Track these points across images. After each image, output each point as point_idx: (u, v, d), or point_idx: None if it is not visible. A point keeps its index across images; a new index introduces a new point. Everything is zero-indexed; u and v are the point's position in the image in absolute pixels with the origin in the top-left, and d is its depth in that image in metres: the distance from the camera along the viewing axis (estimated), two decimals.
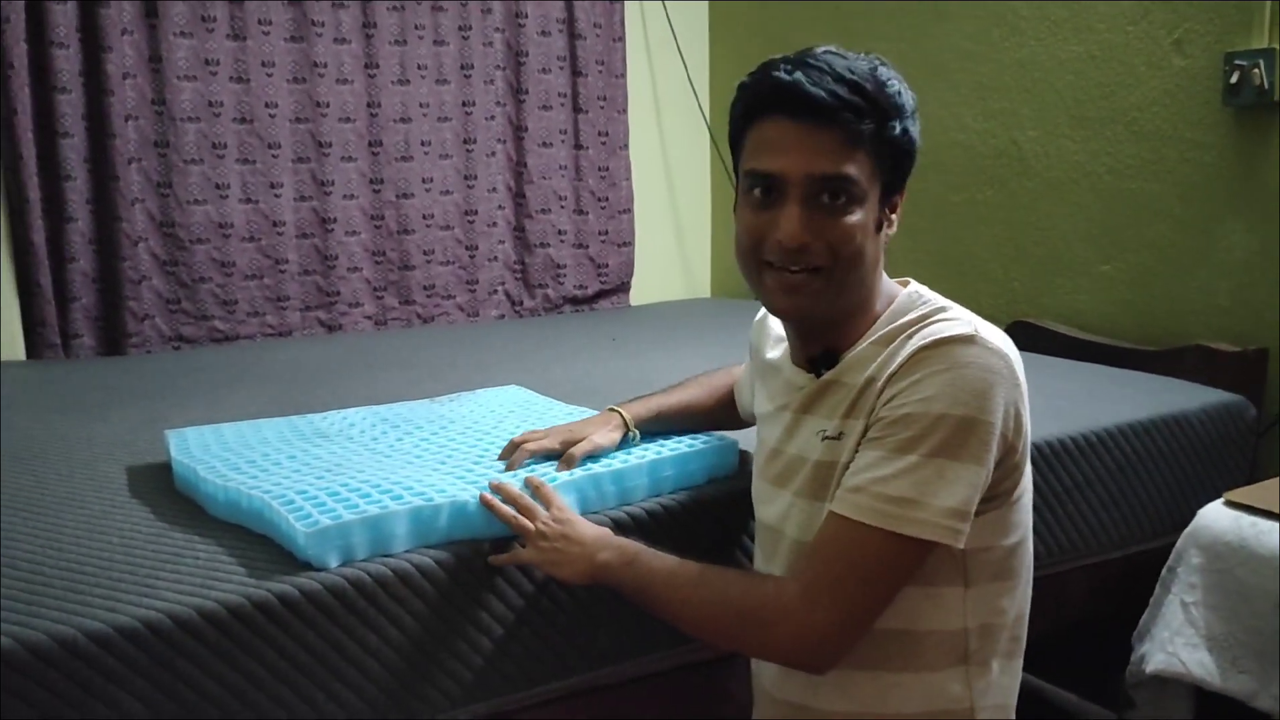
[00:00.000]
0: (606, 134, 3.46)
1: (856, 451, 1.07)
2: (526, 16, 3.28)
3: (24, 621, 1.05)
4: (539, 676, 1.30)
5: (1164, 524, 1.81)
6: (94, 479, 1.53)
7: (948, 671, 1.11)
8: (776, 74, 1.07)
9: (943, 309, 1.12)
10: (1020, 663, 1.18)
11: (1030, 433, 1.12)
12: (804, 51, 1.09)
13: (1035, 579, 1.51)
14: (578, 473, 1.34)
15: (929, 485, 1.00)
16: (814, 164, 1.05)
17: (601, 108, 3.45)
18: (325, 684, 1.16)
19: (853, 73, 1.05)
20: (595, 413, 1.51)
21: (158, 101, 2.78)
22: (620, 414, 1.45)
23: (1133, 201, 2.36)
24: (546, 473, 1.35)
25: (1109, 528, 1.76)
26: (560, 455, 1.38)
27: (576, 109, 3.42)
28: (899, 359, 1.06)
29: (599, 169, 3.47)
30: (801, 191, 1.06)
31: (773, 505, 1.21)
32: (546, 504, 1.25)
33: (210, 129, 2.84)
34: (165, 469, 1.54)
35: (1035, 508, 1.62)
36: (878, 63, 1.10)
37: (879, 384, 1.07)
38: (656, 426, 1.47)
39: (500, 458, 1.42)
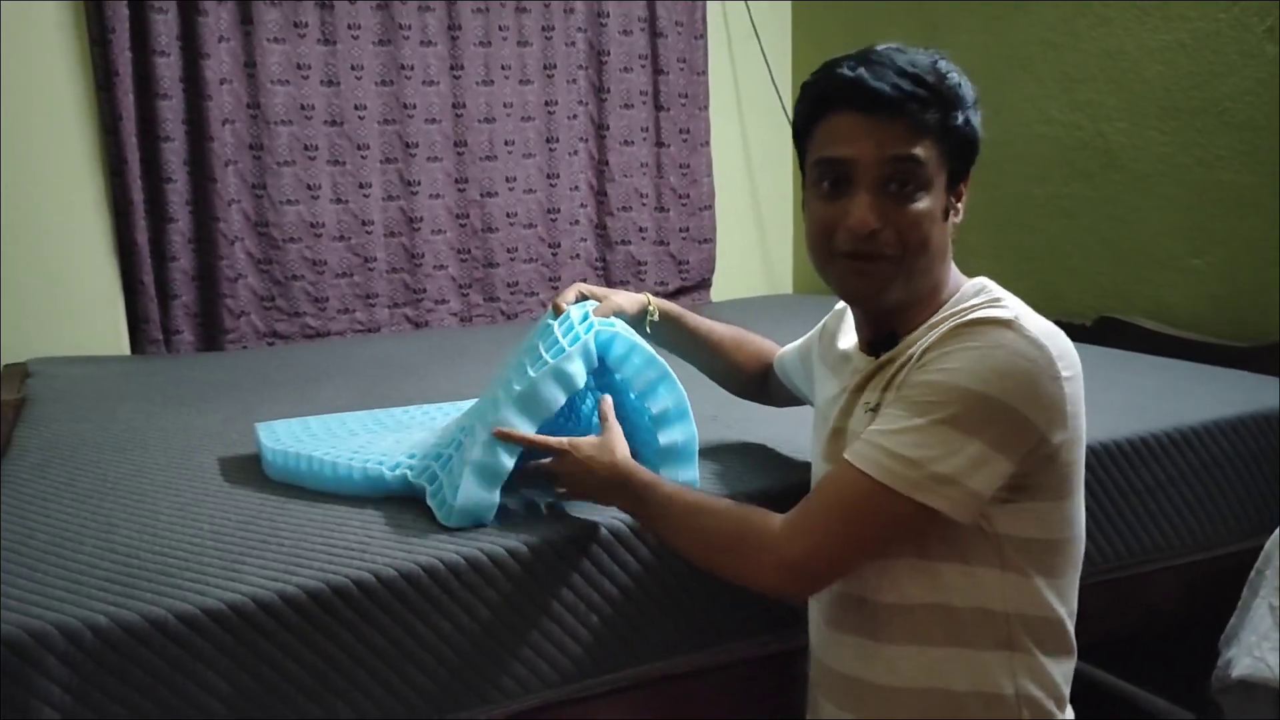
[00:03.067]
0: (688, 131, 3.47)
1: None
2: (608, 16, 3.32)
3: (119, 602, 1.11)
4: (607, 665, 1.33)
5: (1252, 525, 1.76)
6: (189, 468, 1.61)
7: (992, 654, 1.11)
8: (840, 71, 1.11)
9: (996, 298, 1.12)
10: (1072, 666, 1.17)
11: (1082, 440, 1.11)
12: (865, 50, 1.12)
13: (1119, 579, 1.49)
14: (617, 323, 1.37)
15: (930, 450, 1.02)
16: (884, 148, 1.08)
17: (683, 105, 3.46)
18: (400, 667, 1.21)
19: (914, 66, 1.09)
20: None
21: (252, 105, 2.88)
22: (646, 295, 1.50)
23: (1224, 194, 2.29)
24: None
25: (1194, 528, 1.72)
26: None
27: (658, 107, 3.44)
28: (935, 334, 1.08)
29: (680, 166, 3.48)
30: (871, 178, 1.09)
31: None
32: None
33: (302, 131, 2.93)
34: (255, 460, 1.61)
35: (1118, 505, 1.63)
36: (938, 57, 1.13)
37: (915, 356, 1.09)
38: (671, 334, 1.52)
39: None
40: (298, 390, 2.21)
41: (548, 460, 1.29)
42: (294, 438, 1.60)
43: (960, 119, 1.11)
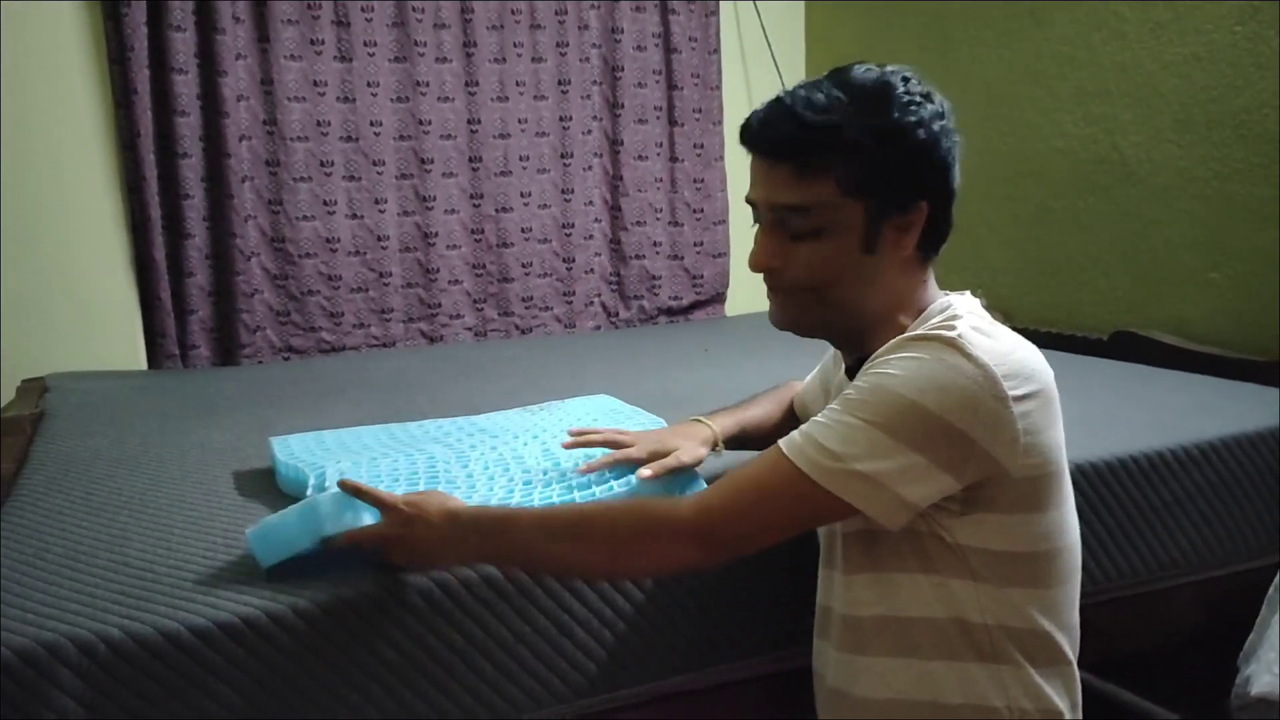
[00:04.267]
0: (702, 146, 3.48)
1: None
2: (623, 32, 3.33)
3: (133, 615, 1.12)
4: (623, 680, 1.32)
5: (1272, 541, 1.75)
6: (204, 482, 1.62)
7: (978, 666, 1.10)
8: (749, 115, 1.13)
9: (955, 317, 1.08)
10: (1073, 681, 1.15)
11: (1057, 456, 1.09)
12: (799, 83, 1.12)
13: (1137, 595, 1.47)
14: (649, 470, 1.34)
15: (855, 447, 1.02)
16: (772, 194, 1.11)
17: (697, 120, 3.47)
18: (411, 682, 1.21)
19: (812, 108, 1.07)
20: (663, 422, 1.51)
21: (269, 122, 2.90)
22: (709, 427, 1.46)
23: (1241, 207, 2.28)
24: (624, 478, 1.38)
25: (1213, 544, 1.70)
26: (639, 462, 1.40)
27: (672, 122, 3.45)
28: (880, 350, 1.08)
29: (694, 181, 3.49)
30: (769, 219, 1.13)
31: None
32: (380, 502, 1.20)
33: (318, 147, 2.95)
34: (269, 473, 1.62)
35: (1135, 522, 1.61)
36: (878, 79, 1.10)
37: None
38: (740, 440, 1.48)
39: (569, 446, 1.45)
40: (312, 404, 2.21)
41: (373, 525, 1.19)
42: (308, 451, 1.60)
43: (867, 147, 1.07)
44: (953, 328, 1.06)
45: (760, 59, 3.58)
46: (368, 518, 1.20)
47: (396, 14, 3.01)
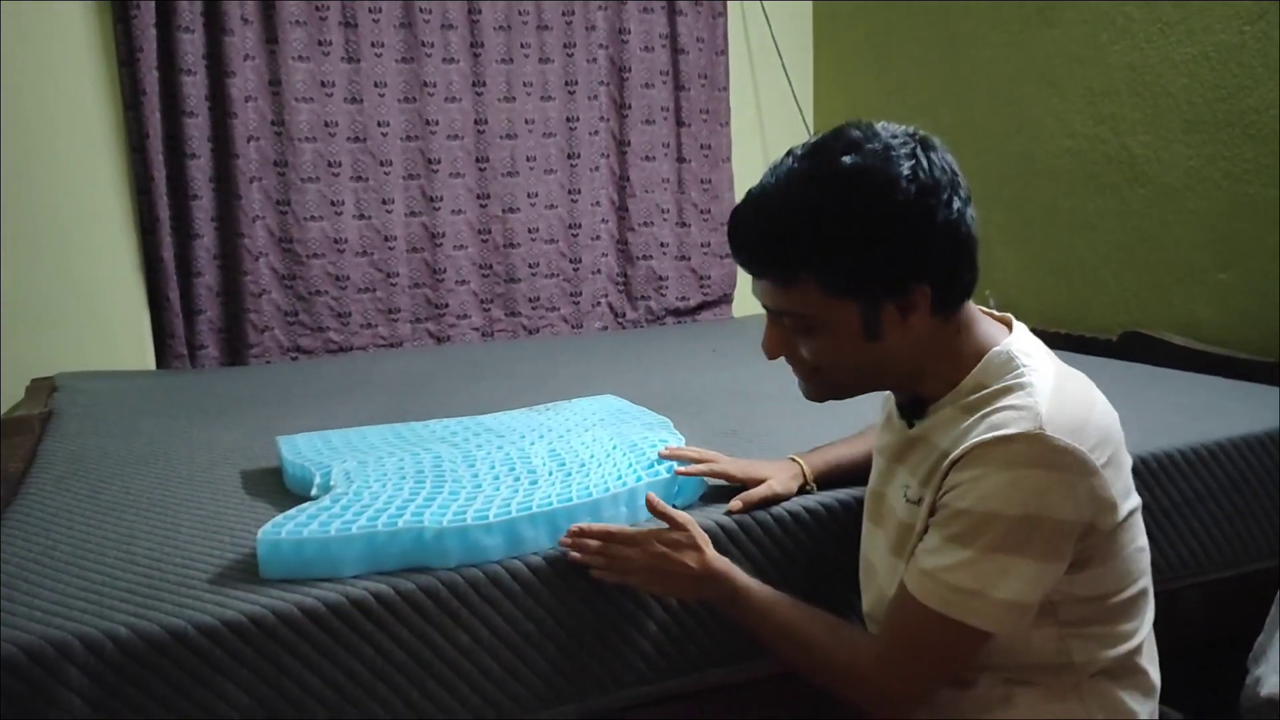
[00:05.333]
0: (709, 147, 3.48)
1: (928, 522, 1.09)
2: (630, 32, 3.33)
3: (140, 613, 1.12)
4: (629, 680, 1.32)
5: None
6: (211, 481, 1.62)
7: (1059, 689, 1.11)
8: (731, 221, 1.12)
9: (1022, 386, 1.06)
10: (1149, 680, 1.16)
11: (1131, 494, 1.10)
12: (771, 172, 1.08)
13: None
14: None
15: (989, 579, 1.02)
16: (762, 297, 1.12)
17: (704, 121, 3.47)
18: (420, 682, 1.20)
19: (779, 214, 1.05)
20: (670, 423, 1.51)
21: (277, 123, 2.91)
22: (799, 465, 1.46)
23: (1251, 207, 2.27)
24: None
25: (1223, 545, 1.69)
26: (734, 484, 1.43)
27: (679, 122, 3.45)
28: (966, 442, 1.04)
29: (701, 181, 3.49)
30: (768, 314, 1.14)
31: (871, 546, 1.24)
32: (671, 522, 1.27)
33: (326, 148, 2.96)
34: (276, 473, 1.62)
35: (1145, 523, 1.60)
36: (863, 166, 1.02)
37: (946, 464, 1.06)
38: (833, 478, 1.47)
39: (664, 455, 1.46)
40: (320, 404, 2.22)
41: (623, 550, 1.25)
42: (315, 451, 1.61)
43: (847, 256, 1.03)
44: (1027, 406, 1.03)
45: (768, 60, 3.58)
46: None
47: (404, 15, 3.02)
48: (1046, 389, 1.05)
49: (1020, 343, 1.12)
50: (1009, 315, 1.18)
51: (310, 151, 2.94)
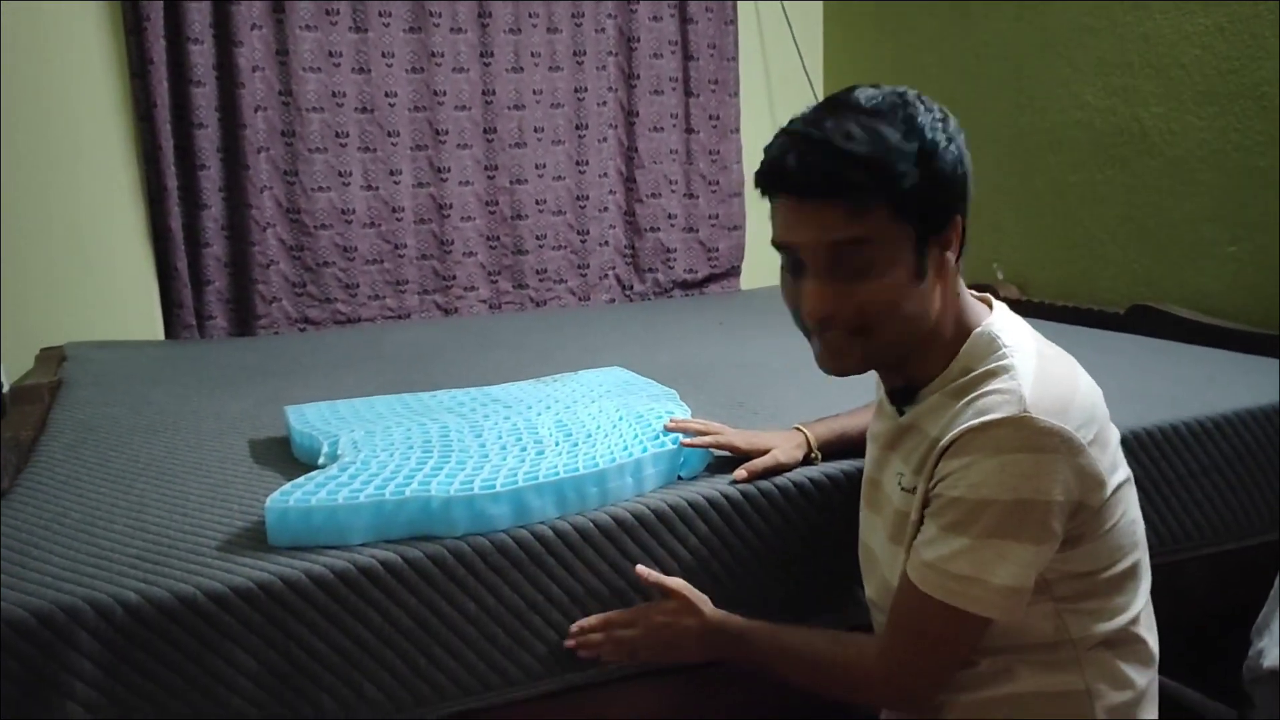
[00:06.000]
0: (717, 117, 3.46)
1: (923, 511, 1.10)
2: (638, 2, 3.31)
3: (150, 579, 1.13)
4: None
5: None
6: (220, 450, 1.63)
7: (1059, 674, 1.11)
8: (775, 158, 1.06)
9: (1006, 369, 1.07)
10: (1148, 649, 1.16)
11: (1120, 467, 1.11)
12: (809, 121, 1.06)
13: (1151, 567, 1.47)
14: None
15: (987, 565, 1.03)
16: (825, 233, 1.04)
17: (713, 91, 3.45)
18: (427, 649, 1.22)
19: (851, 140, 1.02)
20: (675, 394, 1.51)
21: (285, 93, 2.90)
22: (804, 434, 1.46)
23: (1262, 180, 2.25)
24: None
25: (1227, 517, 1.69)
26: (739, 455, 1.43)
27: (688, 93, 3.43)
28: (954, 429, 1.05)
29: (710, 153, 3.47)
30: (819, 263, 1.06)
31: (870, 532, 1.25)
32: (664, 590, 1.30)
33: (333, 118, 2.95)
34: (284, 442, 1.63)
35: (1149, 494, 1.61)
36: (896, 102, 1.05)
37: (936, 453, 1.07)
38: (838, 448, 1.47)
39: (670, 428, 1.46)
40: (328, 375, 2.23)
41: (626, 633, 1.28)
42: (323, 420, 1.62)
43: (908, 172, 1.03)
44: (1014, 390, 1.04)
45: (778, 30, 3.55)
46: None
47: None
48: (1029, 370, 1.06)
49: (1001, 322, 1.13)
50: (988, 295, 1.19)
51: (318, 122, 2.93)
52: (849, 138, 1.02)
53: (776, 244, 1.10)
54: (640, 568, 1.31)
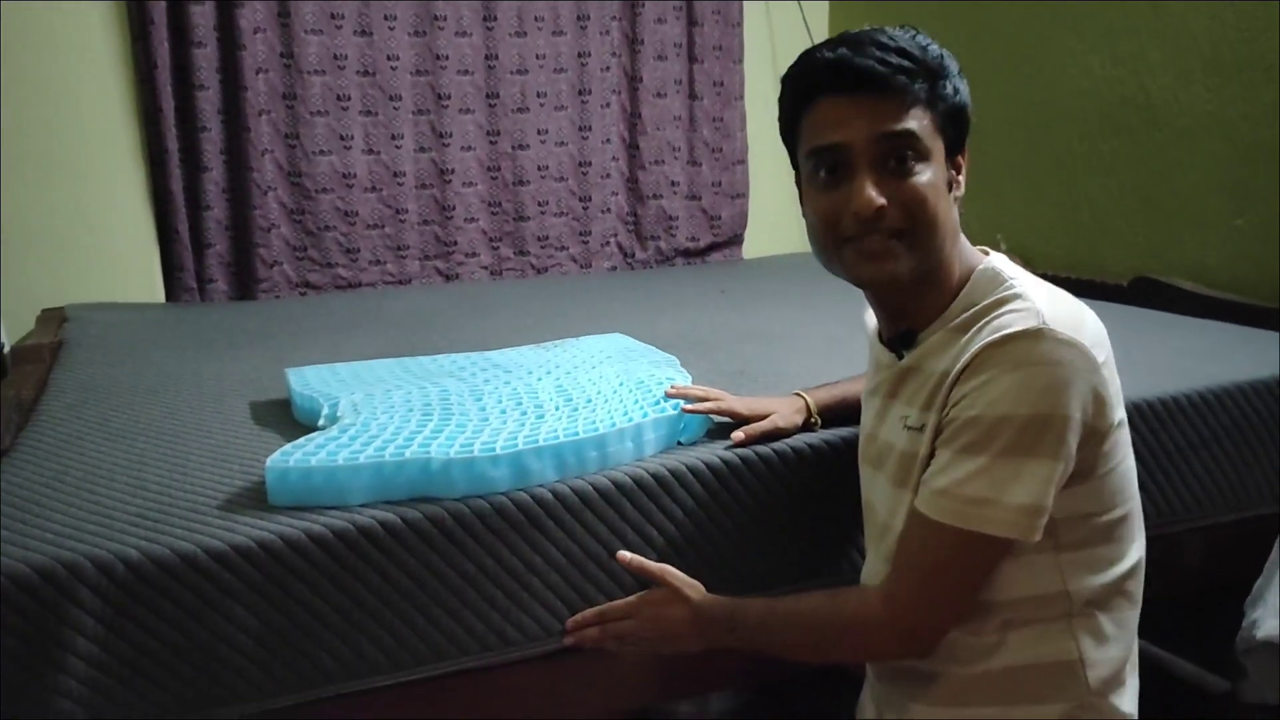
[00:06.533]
0: (721, 84, 3.44)
1: (934, 445, 1.09)
2: None
3: (150, 537, 1.13)
4: None
5: None
6: (221, 411, 1.63)
7: (1052, 626, 1.11)
8: (821, 55, 1.09)
9: (1016, 295, 1.08)
10: (1135, 614, 1.17)
11: (1122, 403, 1.11)
12: (840, 35, 1.11)
13: (1148, 539, 1.48)
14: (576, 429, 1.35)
15: (1004, 485, 1.02)
16: (877, 125, 1.05)
17: (717, 57, 3.42)
18: (426, 609, 1.22)
19: (894, 40, 1.07)
20: (677, 361, 1.50)
21: (286, 55, 2.88)
22: (804, 399, 1.46)
23: (1268, 152, 2.24)
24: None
25: (1225, 490, 1.70)
26: (739, 421, 1.43)
27: (691, 59, 3.40)
28: (968, 355, 1.05)
29: (713, 119, 3.45)
30: (869, 158, 1.07)
31: (872, 488, 1.24)
32: (650, 576, 1.30)
33: (335, 81, 2.93)
34: (285, 404, 1.63)
35: (1147, 466, 1.61)
36: (914, 31, 1.11)
37: (950, 379, 1.07)
38: (839, 413, 1.47)
39: (670, 394, 1.46)
40: (328, 339, 2.22)
41: (622, 625, 1.28)
42: (323, 383, 1.62)
43: (949, 87, 1.08)
44: (1029, 308, 1.04)
45: None
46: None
47: None
48: (1040, 295, 1.07)
49: (1002, 262, 1.14)
50: (986, 247, 1.19)
51: (319, 85, 2.91)
52: (893, 39, 1.07)
53: (816, 149, 1.10)
54: (621, 554, 1.30)
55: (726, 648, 1.25)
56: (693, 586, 1.27)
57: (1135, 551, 1.16)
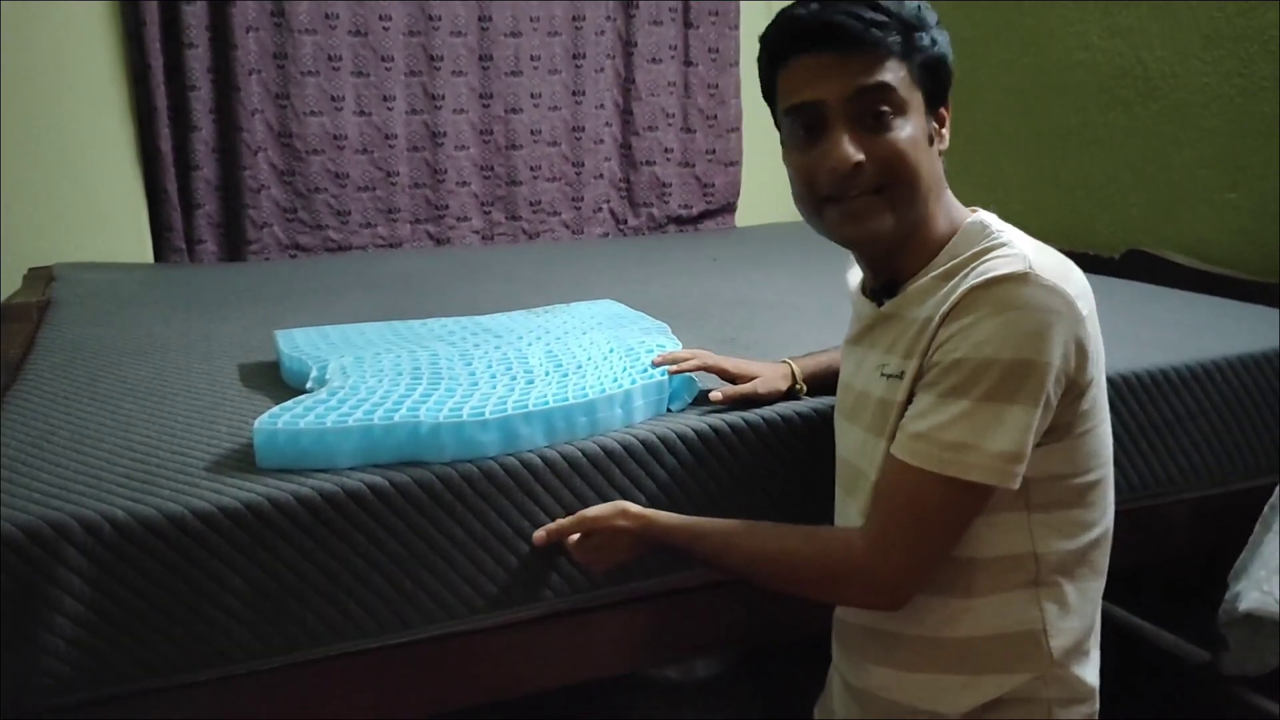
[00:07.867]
0: (717, 50, 3.42)
1: (912, 391, 1.08)
2: None
3: (137, 498, 1.13)
4: (620, 577, 1.34)
5: (1270, 461, 1.75)
6: (209, 373, 1.62)
7: (1017, 593, 1.11)
8: (795, 12, 1.08)
9: (1003, 244, 1.08)
10: (1100, 585, 1.17)
11: (1102, 365, 1.10)
12: None
13: (1135, 510, 1.48)
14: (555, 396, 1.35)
15: (985, 430, 1.01)
16: (851, 80, 1.05)
17: (713, 23, 3.39)
18: (413, 572, 1.23)
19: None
20: (668, 328, 1.50)
21: (276, 13, 2.85)
22: (790, 367, 1.46)
23: (1264, 126, 2.24)
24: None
25: (1211, 462, 1.71)
26: (728, 378, 1.44)
27: (687, 24, 3.37)
28: (954, 296, 1.04)
29: (708, 86, 3.43)
30: (845, 114, 1.06)
31: (846, 439, 1.23)
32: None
33: (326, 41, 2.90)
34: (273, 366, 1.63)
35: (1134, 437, 1.62)
36: None
37: (934, 324, 1.06)
38: (825, 382, 1.45)
39: (657, 363, 1.46)
40: (318, 302, 2.22)
41: (572, 539, 1.27)
42: (312, 345, 1.61)
43: (926, 39, 1.08)
44: (1017, 255, 1.04)
45: None
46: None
47: None
48: (1028, 245, 1.07)
49: (989, 217, 1.14)
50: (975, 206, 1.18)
51: (310, 44, 2.88)
52: None
53: (793, 107, 1.10)
54: (537, 533, 1.28)
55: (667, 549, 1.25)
56: (624, 513, 1.24)
57: (1104, 521, 1.16)
